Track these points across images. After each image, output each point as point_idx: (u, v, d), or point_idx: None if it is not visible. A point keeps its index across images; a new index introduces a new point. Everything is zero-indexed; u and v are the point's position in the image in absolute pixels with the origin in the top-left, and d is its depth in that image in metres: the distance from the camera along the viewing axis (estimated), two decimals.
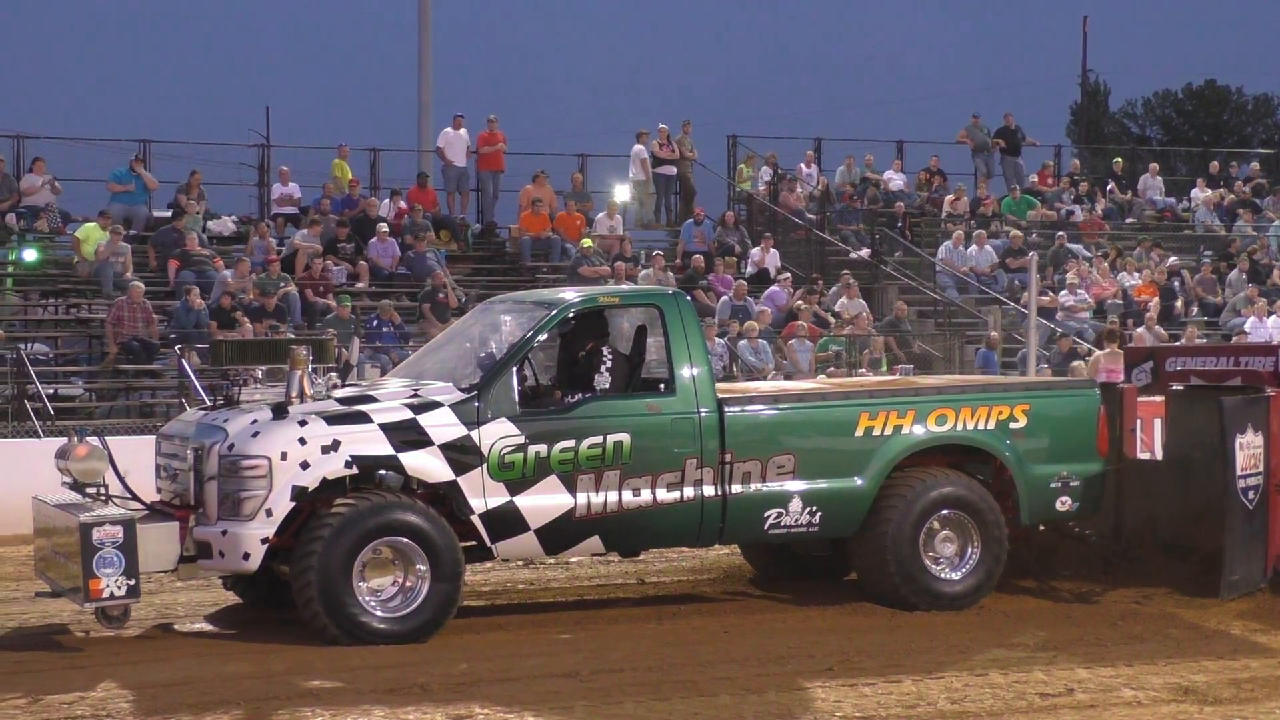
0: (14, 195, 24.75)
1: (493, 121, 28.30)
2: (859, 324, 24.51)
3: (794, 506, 11.50)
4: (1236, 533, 11.84)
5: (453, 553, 10.67)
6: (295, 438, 10.47)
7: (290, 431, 10.49)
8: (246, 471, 10.38)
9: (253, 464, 10.38)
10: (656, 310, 11.66)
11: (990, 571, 11.88)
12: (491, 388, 10.89)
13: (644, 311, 11.91)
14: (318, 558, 10.32)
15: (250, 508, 10.38)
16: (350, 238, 25.16)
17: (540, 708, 8.88)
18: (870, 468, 11.67)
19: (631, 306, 12.08)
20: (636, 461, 11.03)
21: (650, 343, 11.81)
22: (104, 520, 10.19)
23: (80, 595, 10.22)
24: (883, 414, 11.76)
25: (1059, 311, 26.36)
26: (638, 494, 11.02)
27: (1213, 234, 31.98)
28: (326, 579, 10.33)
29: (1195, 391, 12.81)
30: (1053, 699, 9.17)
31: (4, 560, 14.51)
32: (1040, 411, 12.18)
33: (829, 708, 8.93)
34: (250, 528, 10.38)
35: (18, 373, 20.07)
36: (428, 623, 10.60)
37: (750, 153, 31.14)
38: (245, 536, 10.38)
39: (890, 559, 11.62)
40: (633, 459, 11.01)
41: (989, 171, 32.59)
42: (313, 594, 10.34)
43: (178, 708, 8.91)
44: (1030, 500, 12.09)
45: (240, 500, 10.39)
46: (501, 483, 10.84)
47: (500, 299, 13.30)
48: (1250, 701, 9.18)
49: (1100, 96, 64.90)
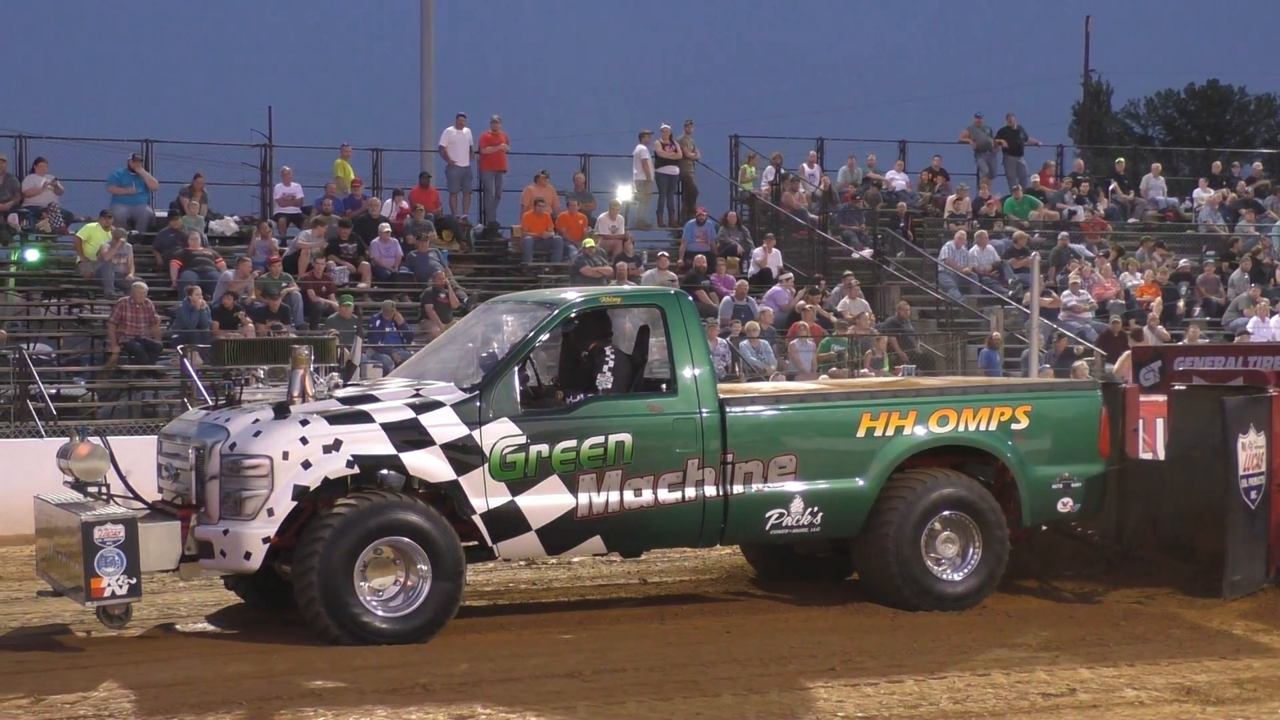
0: (16, 195, 24.76)
1: (496, 122, 28.33)
2: (861, 324, 24.51)
3: (795, 507, 11.49)
4: (1239, 533, 11.85)
5: (454, 552, 10.66)
6: (297, 437, 10.47)
7: (292, 431, 10.50)
8: (248, 471, 10.39)
9: (254, 463, 10.38)
10: (658, 310, 11.66)
11: (992, 572, 11.88)
12: (493, 388, 10.89)
13: (646, 311, 11.91)
14: (319, 558, 10.32)
15: (252, 507, 10.38)
16: (353, 238, 25.17)
17: (543, 708, 8.88)
18: (872, 468, 11.67)
19: (633, 306, 12.08)
20: (638, 461, 11.03)
21: (652, 343, 11.81)
22: (105, 519, 10.20)
23: (82, 594, 10.22)
24: (884, 415, 11.76)
25: (1061, 312, 26.36)
26: (639, 494, 11.01)
27: (1215, 234, 31.96)
28: (328, 579, 10.33)
29: (1197, 391, 12.81)
30: (1055, 699, 9.17)
31: (6, 560, 14.52)
32: (1042, 412, 12.18)
33: (831, 708, 8.93)
34: (252, 527, 10.39)
35: (20, 373, 20.07)
36: (429, 622, 10.60)
37: (752, 152, 31.14)
38: (247, 536, 10.38)
39: (892, 560, 11.62)
40: (634, 459, 11.00)
41: (991, 171, 32.59)
42: (315, 594, 10.34)
43: (179, 708, 8.91)
44: (1032, 501, 12.09)
45: (242, 499, 10.40)
46: (503, 482, 10.84)
47: (502, 299, 13.30)
48: (1253, 701, 9.18)
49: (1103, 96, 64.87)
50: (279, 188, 27.08)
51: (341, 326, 21.37)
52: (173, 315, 22.06)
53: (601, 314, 11.68)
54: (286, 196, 26.83)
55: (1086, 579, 12.77)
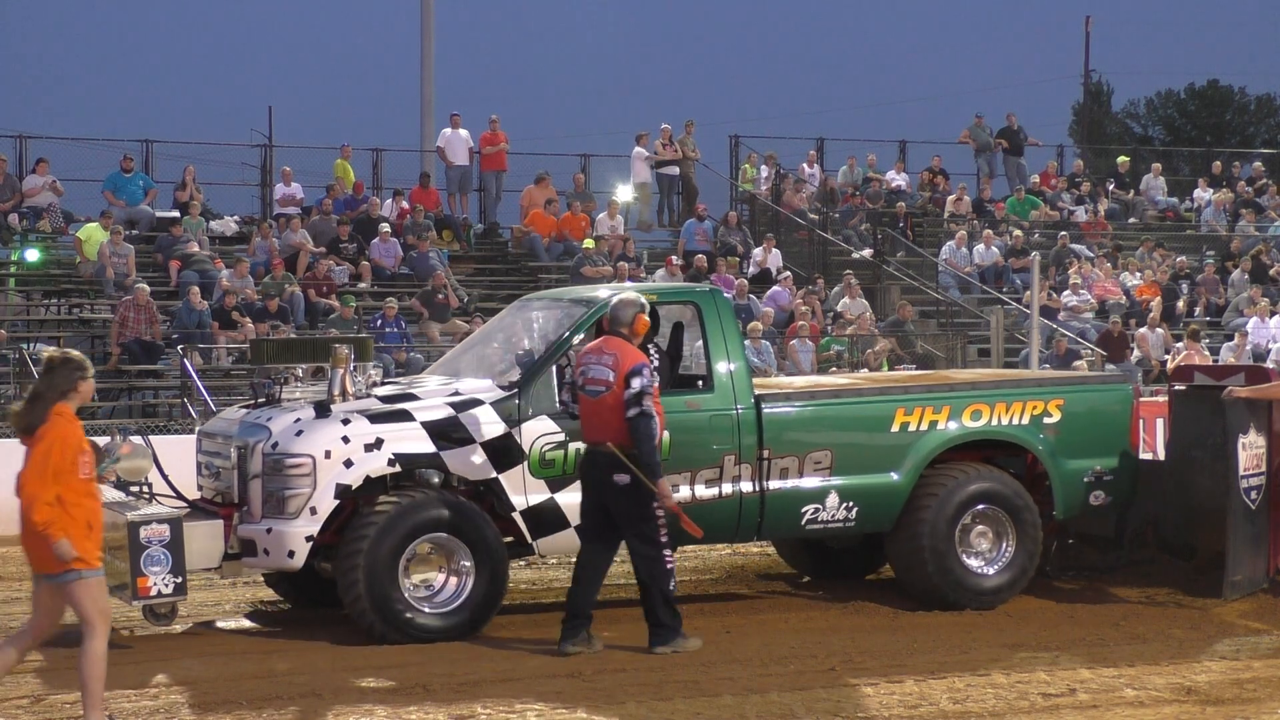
0: (16, 196, 24.77)
1: (494, 122, 28.33)
2: (861, 324, 24.51)
3: (831, 502, 11.51)
4: (1239, 533, 11.85)
5: (497, 548, 10.69)
6: (339, 436, 10.50)
7: (334, 430, 10.53)
8: (291, 470, 10.42)
9: (297, 462, 10.42)
10: (694, 307, 11.66)
11: (1025, 567, 11.89)
12: (532, 385, 10.93)
13: (681, 308, 11.91)
14: (364, 555, 10.33)
15: (295, 505, 10.41)
16: (353, 238, 25.18)
17: (543, 707, 8.88)
18: (906, 463, 11.68)
19: (669, 304, 12.00)
20: (675, 458, 10.96)
21: (686, 339, 11.82)
22: (151, 519, 10.24)
23: (128, 593, 10.26)
24: (918, 409, 11.78)
25: (1061, 312, 26.36)
26: (676, 490, 10.87)
27: (1215, 234, 31.97)
28: (373, 576, 10.33)
29: (1198, 391, 12.81)
30: (1055, 699, 9.17)
31: (6, 560, 14.51)
32: (1074, 406, 12.21)
33: (832, 708, 8.93)
34: (295, 525, 10.41)
35: (20, 373, 20.08)
36: (473, 618, 10.64)
37: (753, 152, 31.15)
38: (290, 534, 10.41)
39: (926, 555, 11.64)
40: (671, 455, 10.91)
41: (991, 172, 32.59)
42: (360, 591, 10.35)
43: (179, 707, 8.93)
44: (1065, 495, 12.13)
45: (285, 498, 10.43)
46: (542, 479, 10.87)
47: (536, 296, 13.31)
48: (1253, 701, 9.18)
49: (1103, 96, 64.89)
50: (279, 188, 27.08)
51: (342, 326, 21.37)
52: (173, 315, 22.07)
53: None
54: (287, 197, 26.83)
55: (1087, 579, 12.79)
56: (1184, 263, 29.45)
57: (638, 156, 28.91)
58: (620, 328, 10.40)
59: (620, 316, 10.42)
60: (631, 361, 10.14)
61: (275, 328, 21.47)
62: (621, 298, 10.60)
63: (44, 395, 7.97)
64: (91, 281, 23.29)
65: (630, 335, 10.38)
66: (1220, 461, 11.93)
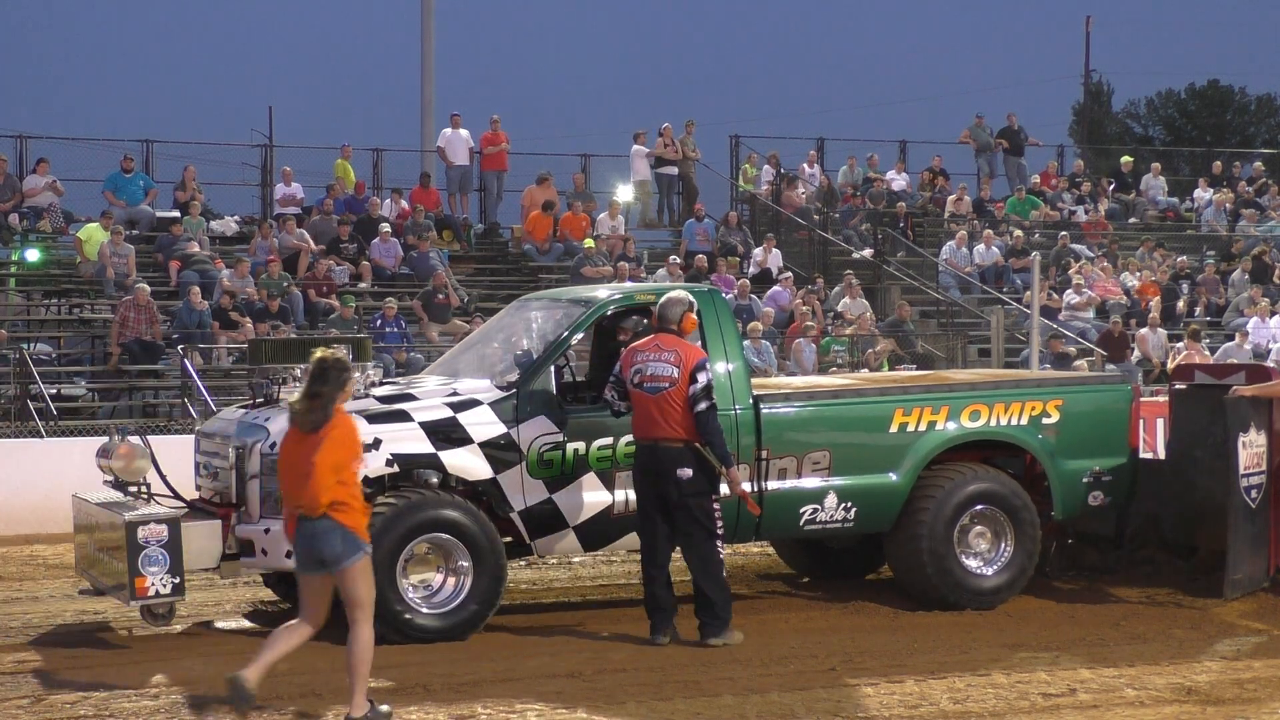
0: (17, 196, 24.77)
1: (495, 122, 28.35)
2: (862, 324, 24.50)
3: (829, 502, 11.52)
4: (1240, 532, 11.84)
5: (495, 549, 10.69)
6: None
7: None
8: None
9: None
10: None
11: (1023, 567, 11.89)
12: (530, 385, 10.93)
13: None
14: None
15: None
16: (353, 237, 25.18)
17: (543, 707, 8.88)
18: (905, 464, 11.68)
19: None
20: None
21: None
22: (149, 519, 10.26)
23: (126, 593, 10.28)
24: (917, 410, 11.78)
25: (1061, 311, 26.36)
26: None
27: (1215, 234, 31.97)
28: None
29: (1198, 390, 12.80)
30: (1055, 699, 9.17)
31: (6, 560, 14.50)
32: (1072, 407, 12.20)
33: (832, 708, 8.92)
34: None
35: (20, 373, 20.08)
36: (471, 619, 10.63)
37: (753, 153, 31.15)
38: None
39: (925, 555, 11.63)
40: None
41: (992, 172, 32.59)
42: None
43: (179, 707, 8.93)
44: (1063, 495, 12.13)
45: None
46: (540, 480, 10.87)
47: (535, 296, 13.30)
48: (1253, 701, 9.17)
49: (1103, 96, 64.90)
50: (279, 188, 27.08)
51: (342, 326, 21.37)
52: (173, 315, 22.06)
53: (636, 311, 11.65)
54: (287, 197, 26.83)
55: (1087, 578, 12.78)
56: (1184, 263, 29.51)
57: (637, 154, 28.93)
58: (670, 325, 10.56)
59: (669, 314, 10.60)
60: (695, 358, 10.38)
61: (275, 328, 21.47)
62: (669, 296, 10.76)
63: (324, 394, 8.37)
64: (92, 281, 23.28)
65: (679, 333, 10.56)
66: (1221, 460, 11.93)
